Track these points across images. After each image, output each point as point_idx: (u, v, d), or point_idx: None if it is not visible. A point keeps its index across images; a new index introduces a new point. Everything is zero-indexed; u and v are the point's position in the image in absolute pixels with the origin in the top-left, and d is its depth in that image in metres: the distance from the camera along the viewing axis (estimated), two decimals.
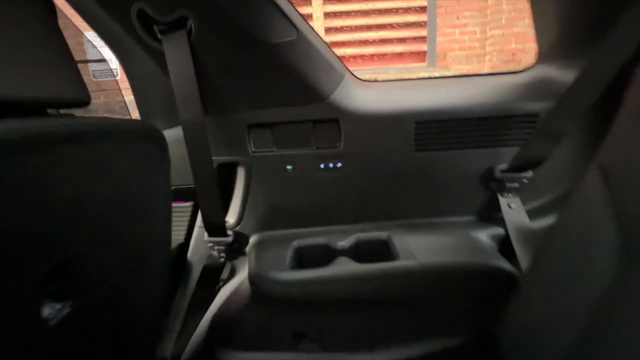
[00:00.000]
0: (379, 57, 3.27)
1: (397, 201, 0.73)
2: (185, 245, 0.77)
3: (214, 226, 0.66)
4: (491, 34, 3.15)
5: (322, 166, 0.68)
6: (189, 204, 0.77)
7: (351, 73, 0.72)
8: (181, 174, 0.66)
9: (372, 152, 0.68)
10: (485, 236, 0.69)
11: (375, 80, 0.74)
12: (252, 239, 0.75)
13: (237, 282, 0.73)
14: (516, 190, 0.69)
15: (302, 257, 0.70)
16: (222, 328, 0.70)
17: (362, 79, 0.73)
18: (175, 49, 0.53)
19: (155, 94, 0.72)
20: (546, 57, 0.67)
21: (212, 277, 0.76)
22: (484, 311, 0.62)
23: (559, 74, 0.65)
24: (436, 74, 3.20)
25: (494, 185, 0.69)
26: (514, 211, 0.68)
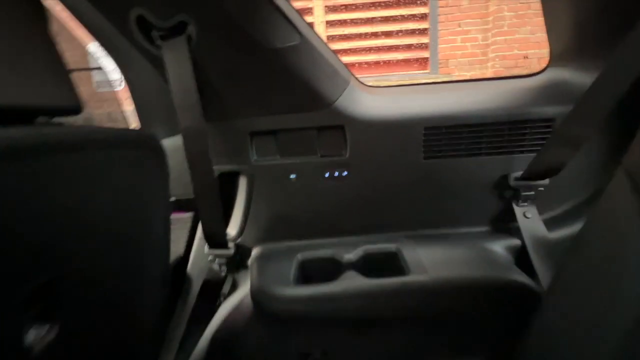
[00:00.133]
0: (381, 64, 3.29)
1: (406, 211, 0.70)
2: (185, 258, 0.74)
3: (214, 238, 0.65)
4: (493, 40, 3.17)
5: (327, 175, 0.67)
6: (189, 214, 0.75)
7: (356, 79, 0.70)
8: (182, 184, 0.64)
9: (379, 160, 0.66)
10: (500, 248, 0.66)
11: (382, 86, 0.72)
12: (254, 252, 0.73)
13: (239, 297, 0.70)
14: (532, 199, 0.66)
15: (307, 270, 0.68)
16: (223, 346, 0.68)
17: (368, 85, 0.72)
18: (175, 54, 0.52)
19: (155, 102, 0.72)
20: (559, 60, 0.65)
21: (212, 292, 0.74)
22: (502, 330, 0.59)
23: (574, 77, 0.63)
24: (439, 80, 3.20)
25: (509, 194, 0.67)
26: (530, 221, 0.65)
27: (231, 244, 0.67)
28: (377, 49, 3.23)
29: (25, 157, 0.31)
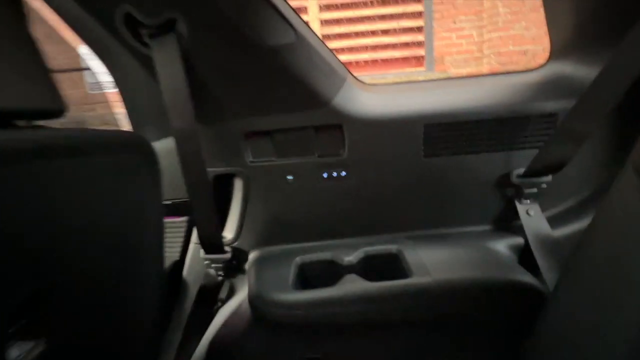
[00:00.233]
0: (377, 62, 3.29)
1: (407, 211, 0.69)
2: (180, 263, 0.73)
3: (210, 242, 0.63)
4: (488, 37, 3.19)
5: (325, 175, 0.65)
6: (183, 219, 0.74)
7: (353, 76, 0.69)
8: (176, 187, 0.63)
9: (378, 159, 0.65)
10: (503, 247, 0.65)
11: (380, 84, 0.70)
12: (251, 256, 0.72)
13: (237, 302, 0.69)
14: (534, 196, 0.65)
15: (306, 274, 0.67)
16: (221, 353, 0.66)
17: (366, 82, 0.70)
18: (164, 53, 0.51)
19: (146, 103, 0.70)
20: (560, 53, 0.64)
21: (209, 297, 0.72)
22: (507, 331, 0.58)
23: (576, 70, 0.61)
24: (434, 78, 3.21)
25: (511, 192, 0.66)
26: (533, 219, 0.64)
27: (227, 248, 0.66)
28: (372, 48, 3.23)
29: (5, 163, 0.29)
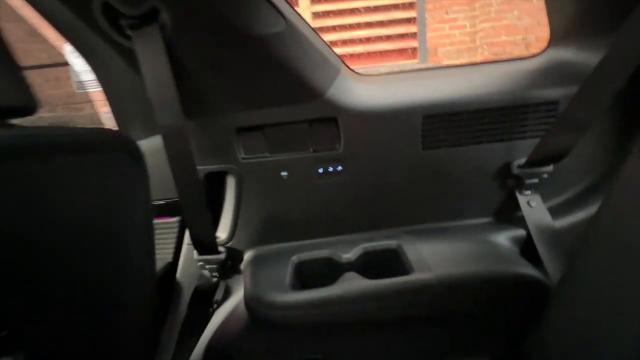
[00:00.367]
0: (370, 55, 3.26)
1: (406, 205, 0.68)
2: (173, 265, 0.71)
3: (203, 243, 0.62)
4: (481, 27, 3.18)
5: (320, 171, 0.64)
6: (175, 219, 0.72)
7: (347, 67, 0.67)
8: (166, 186, 0.60)
9: (375, 153, 0.63)
10: (505, 239, 0.64)
11: (375, 74, 0.68)
12: (246, 255, 0.70)
13: (233, 303, 0.67)
14: (535, 187, 0.64)
15: (304, 273, 0.65)
16: (218, 356, 0.65)
17: (361, 73, 0.68)
18: (147, 45, 0.48)
19: (130, 100, 0.68)
20: (560, 39, 0.63)
21: (205, 299, 0.70)
22: (512, 327, 0.57)
23: (577, 56, 0.60)
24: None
25: (512, 183, 0.65)
26: (534, 210, 0.63)
27: (222, 249, 0.65)
28: (364, 40, 3.19)
29: None
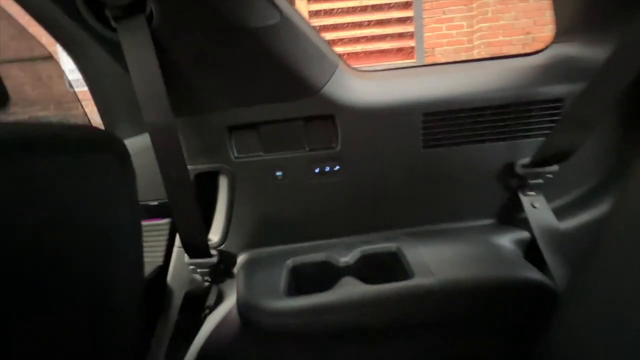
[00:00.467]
0: (367, 54, 3.26)
1: (405, 206, 0.66)
2: (164, 269, 0.69)
3: (194, 246, 0.60)
4: (478, 27, 3.20)
5: (317, 170, 0.62)
6: (165, 221, 0.70)
7: (345, 62, 0.65)
8: (157, 187, 0.59)
9: (374, 152, 0.62)
10: (508, 241, 0.62)
11: (374, 70, 0.67)
12: (240, 259, 0.68)
13: (226, 309, 0.65)
14: (539, 187, 0.62)
15: (299, 277, 0.63)
16: None
17: (359, 69, 0.66)
18: (133, 38, 0.46)
19: (117, 96, 0.65)
20: (566, 34, 0.61)
21: (196, 304, 0.69)
22: (517, 334, 0.55)
23: (583, 52, 0.58)
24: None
25: (515, 183, 0.63)
26: (538, 211, 0.61)
27: (214, 252, 0.63)
28: (361, 39, 3.19)
29: None
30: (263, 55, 0.51)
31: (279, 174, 0.62)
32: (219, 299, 0.67)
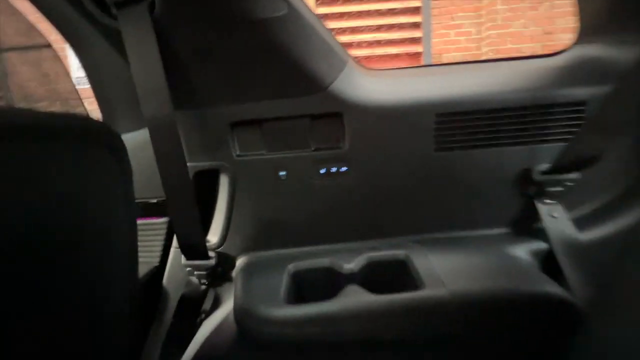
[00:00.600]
0: (374, 59, 3.27)
1: (415, 212, 0.64)
2: (160, 270, 0.68)
3: (192, 247, 0.58)
4: (487, 34, 3.22)
5: (322, 171, 0.61)
6: (163, 220, 0.69)
7: (354, 60, 0.64)
8: (155, 184, 0.58)
9: (383, 153, 0.60)
10: (523, 252, 0.59)
11: (385, 69, 0.65)
12: (238, 262, 0.67)
13: (222, 314, 0.63)
14: (558, 196, 0.60)
15: (301, 284, 0.61)
16: None
17: (369, 68, 0.65)
18: (134, 27, 0.46)
19: (117, 89, 0.65)
20: (589, 34, 0.59)
21: (192, 308, 0.67)
22: (534, 352, 0.52)
23: (608, 53, 0.56)
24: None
25: (532, 190, 0.61)
26: (557, 221, 0.59)
27: (212, 254, 0.62)
28: (369, 44, 3.21)
29: None
30: (269, 48, 0.49)
31: (282, 174, 0.61)
32: (216, 304, 0.66)
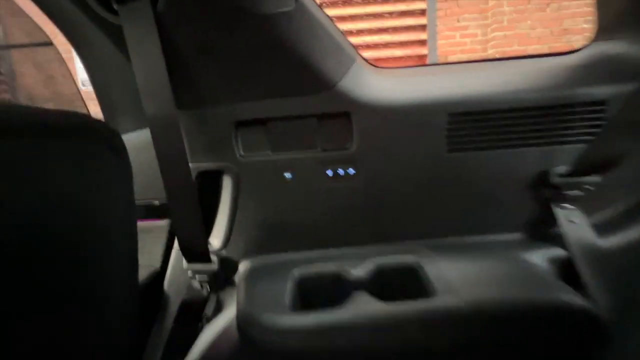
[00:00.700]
0: (379, 61, 3.27)
1: (426, 216, 0.63)
2: (161, 274, 0.67)
3: (193, 250, 0.57)
4: (493, 36, 3.22)
5: (329, 173, 0.60)
6: (165, 222, 0.69)
7: (363, 57, 0.62)
8: (157, 185, 0.57)
9: (392, 154, 0.59)
10: (540, 259, 0.57)
11: (395, 67, 0.64)
12: (242, 266, 0.65)
13: (225, 320, 0.62)
14: (576, 200, 0.58)
15: (306, 290, 0.59)
16: None
17: (378, 66, 0.64)
18: (136, 22, 0.44)
19: (119, 87, 0.65)
20: (609, 31, 0.57)
21: (193, 314, 0.66)
22: None
23: (630, 50, 0.55)
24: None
25: (549, 194, 0.59)
26: (575, 226, 0.56)
27: (214, 257, 0.60)
28: (374, 46, 3.23)
29: None
30: (275, 45, 0.48)
31: (287, 175, 0.60)
32: (218, 309, 0.64)
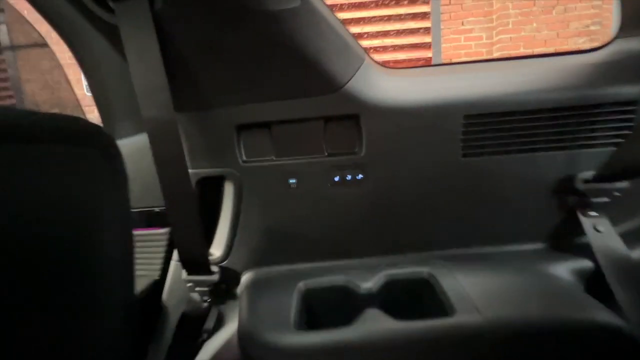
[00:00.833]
0: (383, 64, 3.29)
1: (440, 225, 0.61)
2: (160, 284, 0.65)
3: (193, 261, 0.56)
4: (498, 38, 3.25)
5: (336, 179, 0.58)
6: (164, 230, 0.67)
7: (371, 57, 0.61)
8: (157, 192, 0.56)
9: (403, 159, 0.57)
10: (565, 271, 0.55)
11: (405, 67, 0.62)
12: (244, 278, 0.64)
13: (226, 335, 0.60)
14: (603, 207, 0.55)
15: (312, 304, 0.57)
16: None
17: (388, 66, 0.62)
18: (133, 21, 0.43)
19: (116, 90, 0.64)
20: (633, 27, 0.55)
21: (193, 327, 0.64)
22: None
23: None
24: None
25: (574, 201, 0.57)
26: (603, 236, 0.54)
27: (215, 268, 0.60)
28: (378, 49, 3.24)
29: None
30: (279, 44, 0.47)
31: (292, 181, 0.58)
32: (219, 323, 0.63)
